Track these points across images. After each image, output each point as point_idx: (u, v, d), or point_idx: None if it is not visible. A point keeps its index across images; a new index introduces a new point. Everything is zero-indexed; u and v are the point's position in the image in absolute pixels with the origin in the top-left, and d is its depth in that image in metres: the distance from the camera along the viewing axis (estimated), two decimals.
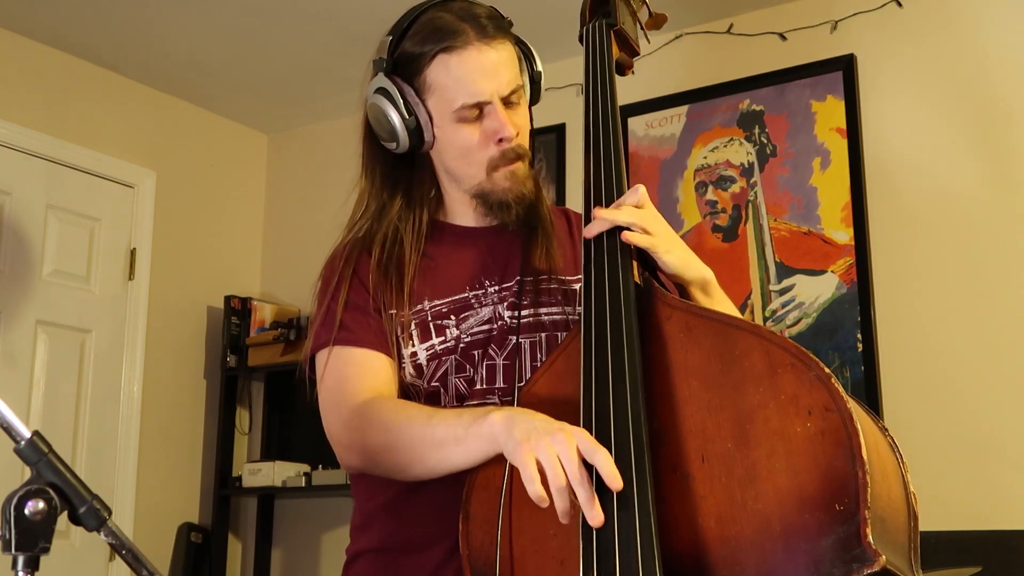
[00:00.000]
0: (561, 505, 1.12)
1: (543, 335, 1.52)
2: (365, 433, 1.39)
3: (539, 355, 1.51)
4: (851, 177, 3.54)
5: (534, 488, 1.12)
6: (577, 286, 1.56)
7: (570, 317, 1.54)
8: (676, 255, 1.38)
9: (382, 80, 1.52)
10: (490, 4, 1.57)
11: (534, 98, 1.61)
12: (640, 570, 1.09)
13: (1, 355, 3.76)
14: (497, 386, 1.50)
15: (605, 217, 1.36)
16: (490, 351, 1.52)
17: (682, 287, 1.43)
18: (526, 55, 1.58)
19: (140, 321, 4.24)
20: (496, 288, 1.55)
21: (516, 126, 1.51)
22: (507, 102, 1.51)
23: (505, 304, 1.54)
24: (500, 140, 1.50)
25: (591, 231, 1.37)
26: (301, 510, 4.46)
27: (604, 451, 1.13)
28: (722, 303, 1.46)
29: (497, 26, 1.52)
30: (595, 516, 1.11)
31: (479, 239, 1.59)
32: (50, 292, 3.95)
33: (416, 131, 1.52)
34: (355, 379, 1.46)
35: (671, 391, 1.20)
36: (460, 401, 1.49)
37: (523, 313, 1.53)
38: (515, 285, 1.54)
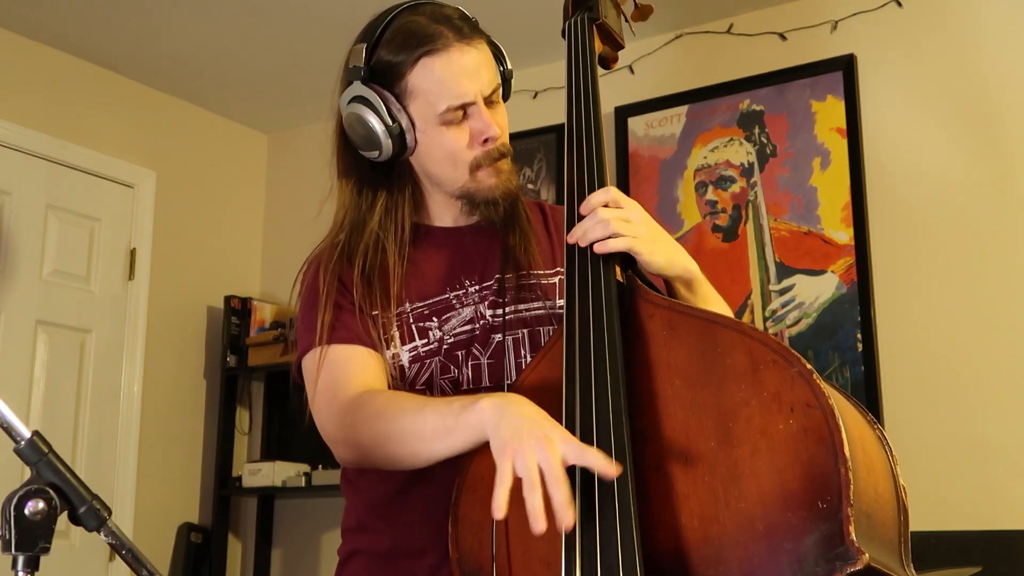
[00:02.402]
0: (530, 503, 1.10)
1: (525, 331, 1.52)
2: (357, 427, 1.38)
3: (523, 352, 1.51)
4: (851, 177, 3.53)
5: (498, 492, 1.11)
6: (556, 280, 1.57)
7: (552, 312, 1.54)
8: (659, 254, 1.36)
9: (361, 88, 1.51)
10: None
11: (505, 96, 1.61)
12: (621, 570, 1.08)
13: (1, 355, 3.77)
14: (483, 385, 1.50)
15: (580, 238, 1.34)
16: (474, 351, 1.52)
17: (668, 282, 1.43)
18: (496, 54, 1.58)
19: (140, 321, 4.24)
20: (476, 288, 1.55)
21: (499, 125, 1.51)
22: (488, 101, 1.51)
23: (486, 303, 1.54)
24: (486, 140, 1.50)
25: (573, 238, 1.36)
26: (301, 510, 4.46)
27: (592, 450, 1.12)
28: (707, 298, 1.45)
29: (472, 27, 1.52)
30: (567, 517, 1.10)
31: (457, 240, 1.59)
32: (50, 292, 3.96)
33: (400, 137, 1.50)
34: (346, 375, 1.46)
35: (654, 390, 1.19)
36: None
37: (504, 312, 1.52)
38: (495, 284, 1.54)
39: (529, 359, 1.50)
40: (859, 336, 3.41)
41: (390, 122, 1.49)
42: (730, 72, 3.81)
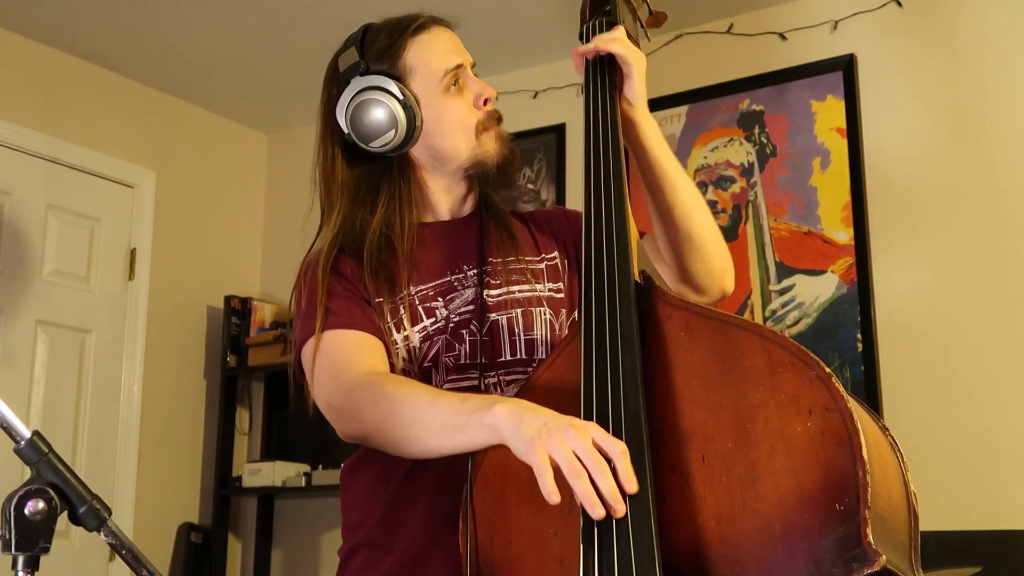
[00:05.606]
0: (580, 489, 1.10)
1: (519, 311, 1.59)
2: (367, 404, 1.40)
3: (516, 330, 1.57)
4: (851, 177, 3.54)
5: (546, 481, 1.11)
6: (542, 265, 1.66)
7: (538, 293, 1.62)
8: (644, 88, 1.57)
9: (363, 80, 1.58)
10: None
11: None
12: (640, 570, 1.09)
13: (1, 355, 3.76)
14: (477, 361, 1.54)
15: (596, 41, 1.55)
16: (472, 328, 1.56)
17: (640, 136, 1.62)
18: None
19: (140, 321, 4.24)
20: (475, 271, 1.61)
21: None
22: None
23: (483, 285, 1.60)
24: (485, 101, 1.61)
25: (582, 50, 1.56)
26: (301, 510, 4.46)
27: (621, 445, 1.13)
28: (671, 157, 1.67)
29: (437, 17, 1.66)
30: (618, 507, 1.10)
31: (453, 231, 1.65)
32: (50, 292, 3.95)
33: (411, 112, 1.57)
34: (352, 354, 1.48)
35: (671, 390, 1.20)
36: (447, 376, 1.54)
37: (497, 292, 1.59)
38: (489, 267, 1.61)
39: (523, 337, 1.57)
40: (859, 336, 3.42)
41: (401, 97, 1.56)
42: (730, 72, 3.82)
